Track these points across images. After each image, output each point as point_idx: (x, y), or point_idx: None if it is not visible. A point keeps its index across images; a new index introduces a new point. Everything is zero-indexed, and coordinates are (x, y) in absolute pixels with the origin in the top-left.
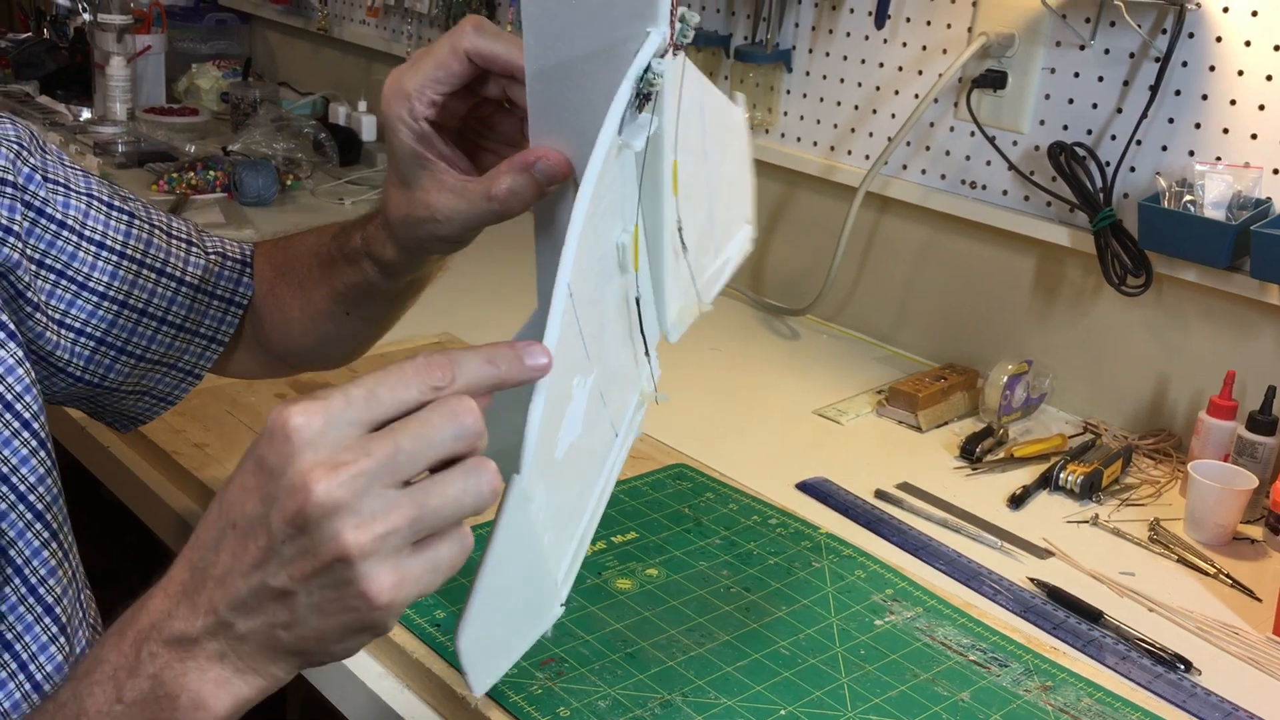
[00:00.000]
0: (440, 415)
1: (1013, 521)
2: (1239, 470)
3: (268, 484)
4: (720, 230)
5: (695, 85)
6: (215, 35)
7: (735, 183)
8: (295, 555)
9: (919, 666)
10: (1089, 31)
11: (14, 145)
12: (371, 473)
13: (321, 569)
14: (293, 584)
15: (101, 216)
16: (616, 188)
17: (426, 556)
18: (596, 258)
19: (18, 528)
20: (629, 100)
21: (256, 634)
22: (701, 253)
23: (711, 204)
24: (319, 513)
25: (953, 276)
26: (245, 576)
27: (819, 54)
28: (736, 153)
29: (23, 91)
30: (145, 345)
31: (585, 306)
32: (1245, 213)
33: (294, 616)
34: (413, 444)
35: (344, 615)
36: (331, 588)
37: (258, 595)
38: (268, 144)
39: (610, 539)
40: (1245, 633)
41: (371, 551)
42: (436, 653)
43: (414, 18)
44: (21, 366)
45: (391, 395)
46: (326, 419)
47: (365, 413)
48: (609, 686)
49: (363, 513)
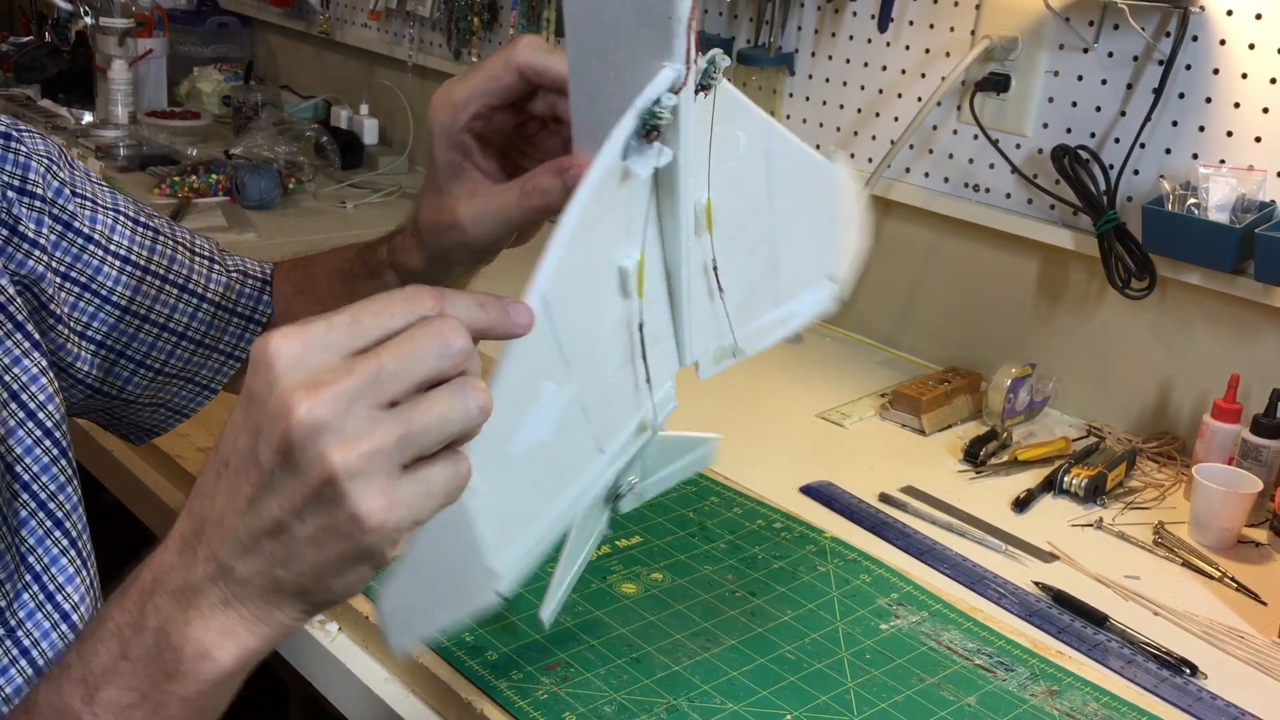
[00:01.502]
0: (425, 334)
1: (1017, 525)
2: (1243, 473)
3: (255, 415)
4: (786, 281)
5: (761, 131)
6: (217, 39)
7: (819, 238)
8: (285, 484)
9: (925, 671)
10: (1092, 34)
11: (44, 159)
12: (354, 392)
13: (311, 495)
14: (285, 515)
15: (127, 232)
16: (620, 212)
17: (418, 479)
18: (586, 273)
19: (37, 535)
20: (632, 130)
21: (256, 576)
22: (751, 298)
23: (775, 252)
24: (302, 433)
25: (956, 279)
26: (241, 516)
27: (821, 57)
28: (828, 208)
29: (24, 95)
30: (164, 359)
31: (567, 316)
32: (1249, 216)
33: (290, 552)
34: (396, 362)
35: (338, 544)
36: (323, 515)
37: (253, 534)
38: (270, 147)
39: (615, 543)
40: (1251, 636)
41: (358, 471)
42: (442, 657)
43: (416, 21)
44: (45, 376)
45: (376, 322)
46: (306, 343)
47: (347, 338)
48: (614, 691)
49: (346, 432)
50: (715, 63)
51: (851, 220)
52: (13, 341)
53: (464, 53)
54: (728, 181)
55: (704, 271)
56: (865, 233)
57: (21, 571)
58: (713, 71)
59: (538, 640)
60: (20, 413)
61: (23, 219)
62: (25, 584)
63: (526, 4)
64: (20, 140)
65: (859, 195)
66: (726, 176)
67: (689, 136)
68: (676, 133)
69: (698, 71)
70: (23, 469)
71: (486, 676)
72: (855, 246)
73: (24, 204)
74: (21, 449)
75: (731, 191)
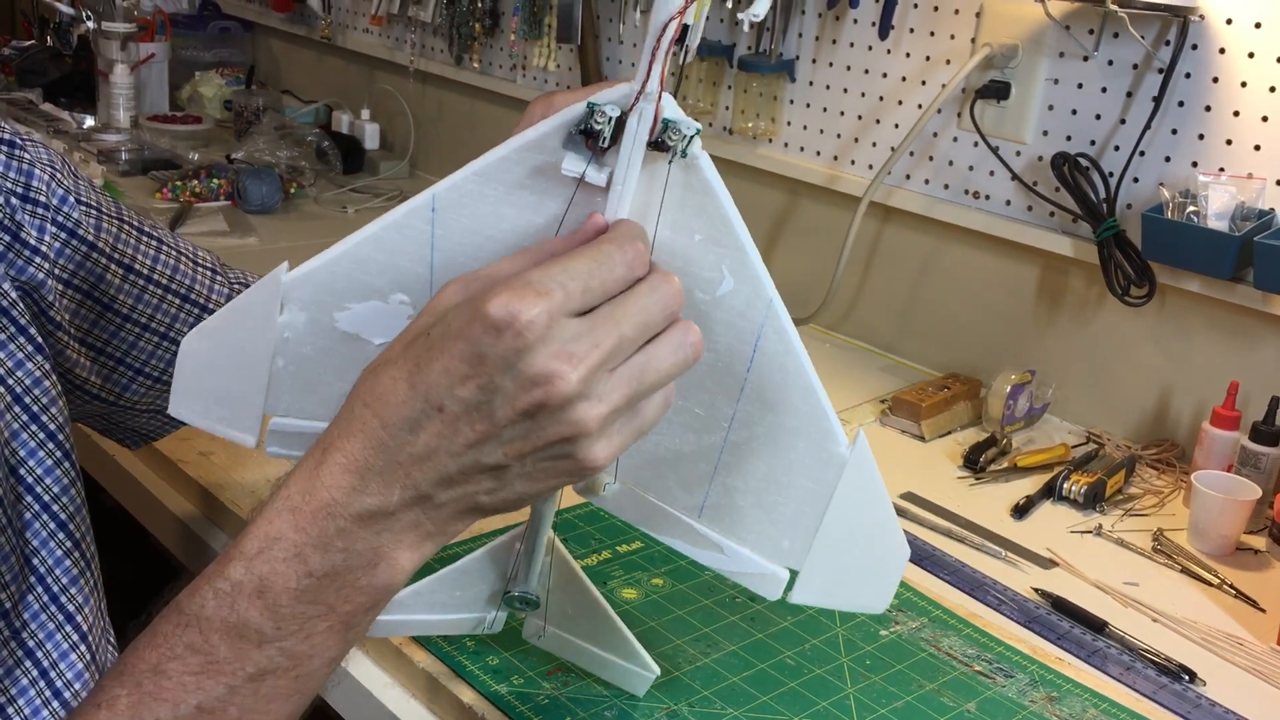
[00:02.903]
0: (657, 301)
1: (1016, 531)
2: (1242, 481)
3: (493, 374)
4: (720, 500)
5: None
6: (219, 43)
7: (793, 501)
8: (517, 436)
9: (924, 677)
10: (1092, 42)
11: (48, 167)
12: (601, 363)
13: (545, 446)
14: (508, 459)
15: (132, 240)
16: (532, 195)
17: (634, 424)
18: (478, 218)
19: (40, 537)
20: (574, 118)
21: (456, 501)
22: (663, 467)
23: (720, 453)
24: (559, 401)
25: (956, 286)
26: (456, 456)
27: (822, 64)
28: (816, 479)
29: (26, 99)
30: (164, 367)
31: (450, 252)
32: (1248, 224)
33: (500, 483)
34: (634, 332)
35: (554, 479)
36: (549, 460)
37: (467, 471)
38: (271, 152)
39: (615, 548)
40: (1249, 643)
41: (599, 430)
42: (443, 662)
43: (417, 26)
44: (48, 379)
45: (602, 286)
46: (550, 313)
47: (582, 304)
48: (615, 697)
49: (593, 396)
50: (680, 130)
51: (863, 525)
52: (16, 345)
53: (465, 58)
54: (691, 306)
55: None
56: (899, 556)
57: (26, 574)
58: (676, 137)
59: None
60: (24, 416)
61: (25, 226)
62: (30, 585)
63: (528, 10)
64: (24, 148)
65: (882, 500)
66: (690, 299)
67: (624, 175)
68: (615, 161)
69: (655, 118)
70: (27, 472)
71: (487, 681)
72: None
73: (27, 211)
74: (25, 452)
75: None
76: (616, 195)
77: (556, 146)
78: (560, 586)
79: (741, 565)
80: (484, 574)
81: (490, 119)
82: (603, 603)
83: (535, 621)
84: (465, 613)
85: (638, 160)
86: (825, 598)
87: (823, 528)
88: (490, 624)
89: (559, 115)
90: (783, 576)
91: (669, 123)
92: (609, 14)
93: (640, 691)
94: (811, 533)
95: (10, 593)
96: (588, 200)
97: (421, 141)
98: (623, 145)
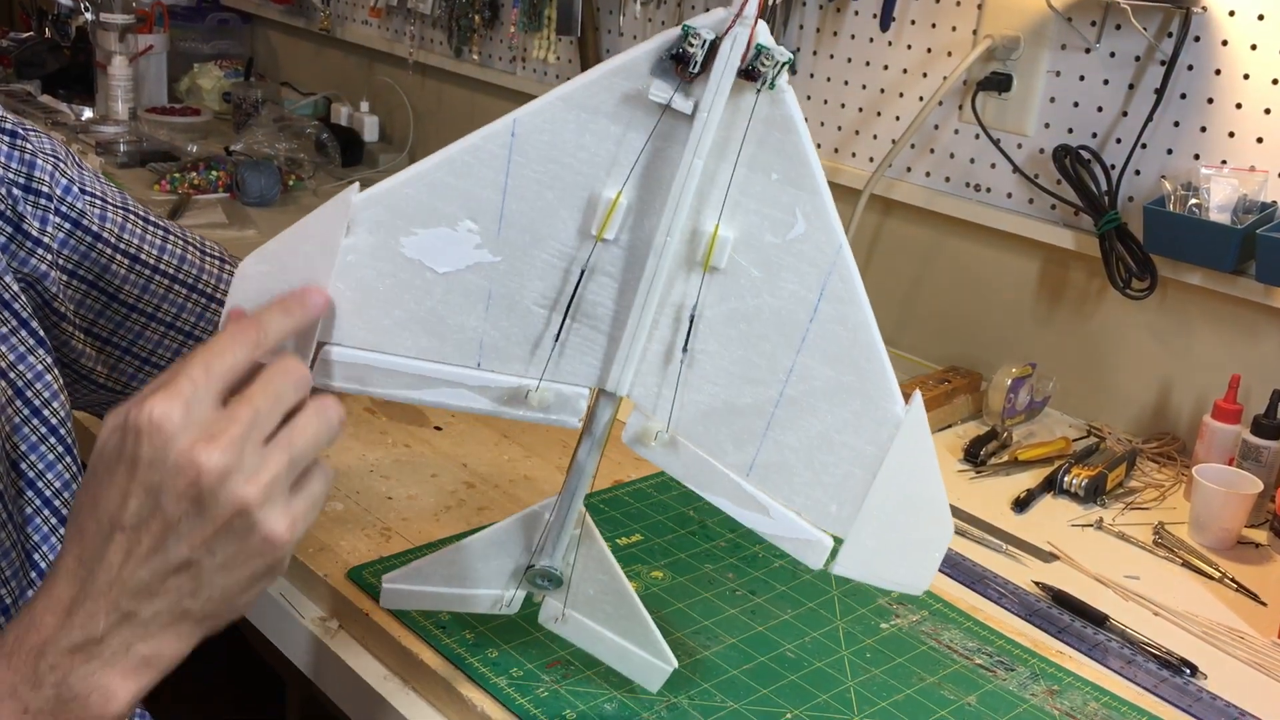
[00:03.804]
0: (280, 375)
1: (1017, 525)
2: (1243, 474)
3: (149, 475)
4: (771, 458)
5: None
6: (217, 35)
7: (841, 463)
8: (193, 526)
9: (925, 670)
10: (1094, 34)
11: (50, 157)
12: (243, 435)
13: (222, 528)
14: (194, 552)
15: (138, 230)
16: (617, 126)
17: (305, 494)
18: (560, 150)
19: (42, 532)
20: (669, 42)
21: (163, 614)
22: (717, 419)
23: (775, 408)
24: (213, 479)
25: (957, 279)
26: (143, 563)
27: (823, 56)
28: (867, 441)
29: (24, 91)
30: (171, 357)
31: (522, 178)
32: (1251, 216)
33: (199, 583)
34: (266, 404)
35: (250, 564)
36: (235, 542)
37: (159, 574)
38: (270, 144)
39: (615, 541)
40: (1250, 637)
41: (265, 499)
42: (442, 654)
43: (417, 18)
44: (50, 373)
45: (223, 364)
46: (184, 403)
47: (210, 387)
48: (615, 689)
49: (247, 469)
50: (773, 56)
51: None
52: (17, 339)
53: (464, 50)
54: (758, 248)
55: (675, 313)
56: (943, 529)
57: (27, 568)
58: (768, 64)
59: (538, 637)
60: (25, 410)
61: (27, 216)
62: (31, 581)
63: (528, 2)
64: (26, 139)
65: (933, 469)
66: (759, 241)
67: (714, 101)
68: (703, 90)
69: (749, 44)
70: (28, 466)
71: (487, 674)
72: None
73: (29, 201)
74: (26, 446)
75: (759, 267)
76: (701, 123)
77: (645, 73)
78: (585, 565)
79: (786, 529)
80: (507, 547)
81: (489, 111)
82: (627, 584)
83: (554, 604)
84: (484, 588)
85: (727, 86)
86: (867, 571)
87: (872, 493)
88: (508, 603)
89: (652, 40)
90: (826, 544)
91: (762, 48)
92: (609, 5)
93: (654, 686)
94: (860, 498)
95: (11, 588)
96: (670, 131)
97: (421, 134)
98: (714, 70)
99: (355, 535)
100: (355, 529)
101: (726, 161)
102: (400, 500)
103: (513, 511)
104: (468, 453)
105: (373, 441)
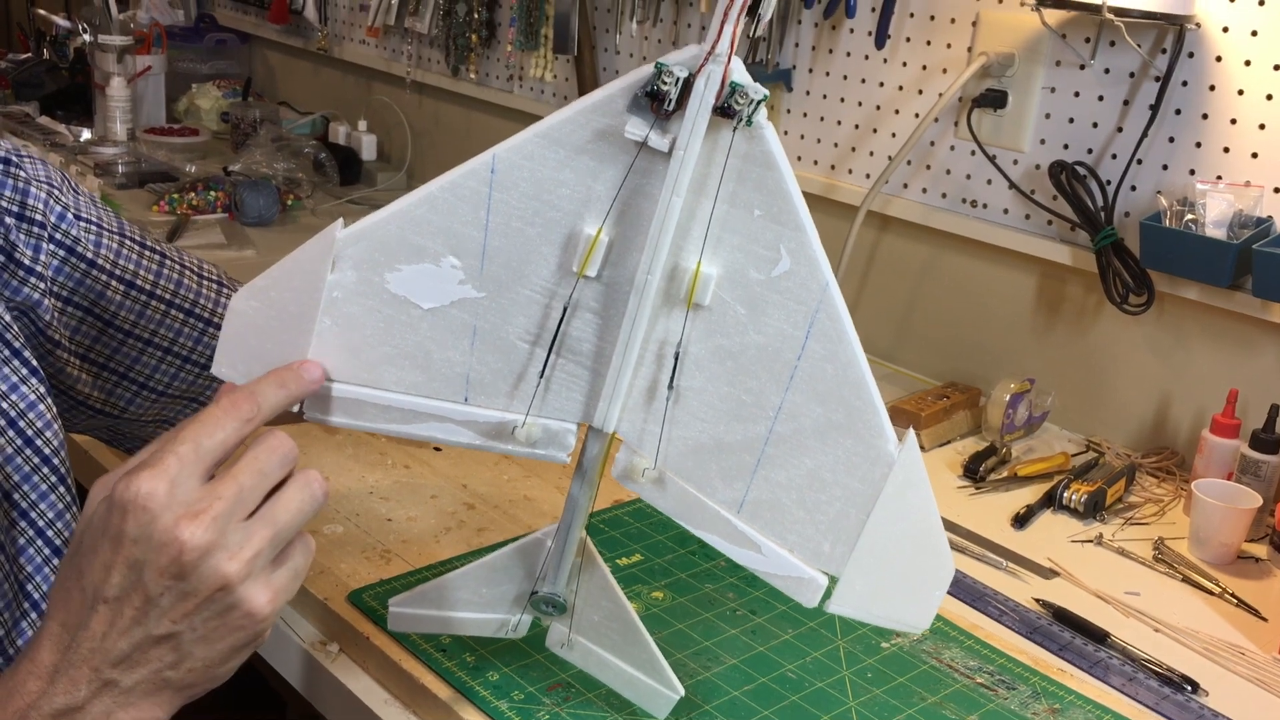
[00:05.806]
0: (266, 451)
1: (1017, 541)
2: (1243, 489)
3: (132, 550)
4: (762, 495)
5: (816, 292)
6: (215, 55)
7: (835, 501)
8: (175, 601)
9: (926, 689)
10: (1089, 51)
11: (44, 185)
12: (227, 512)
13: (204, 603)
14: (176, 625)
15: (134, 256)
16: (594, 162)
17: (288, 567)
18: (540, 186)
19: (35, 563)
20: (642, 79)
21: (144, 683)
22: (706, 456)
23: (763, 445)
24: (195, 556)
25: (954, 295)
26: (125, 634)
27: (819, 73)
28: (861, 479)
29: (23, 112)
30: (168, 382)
31: (504, 211)
32: (1247, 231)
33: (180, 654)
34: (251, 480)
35: (231, 636)
36: (216, 616)
37: (140, 646)
38: (268, 164)
39: (615, 561)
40: (1251, 653)
41: (246, 575)
42: (442, 678)
43: (414, 38)
44: (43, 403)
45: (213, 441)
46: (169, 481)
47: (198, 464)
48: (615, 711)
49: (230, 546)
50: (748, 94)
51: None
52: (10, 368)
53: (462, 69)
54: (743, 285)
55: (660, 349)
56: (943, 568)
57: (20, 599)
58: (743, 102)
59: (539, 660)
60: (18, 440)
61: (19, 245)
62: (24, 612)
63: (525, 21)
64: (20, 165)
65: (930, 506)
66: (743, 278)
67: (690, 139)
68: (680, 127)
69: (722, 81)
70: (20, 496)
71: (488, 697)
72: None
73: (22, 230)
74: (19, 476)
75: (744, 304)
76: (678, 161)
77: (621, 109)
78: (588, 591)
79: (779, 567)
80: (511, 572)
81: (487, 130)
82: (631, 611)
83: (560, 629)
84: (491, 612)
85: (703, 124)
86: (863, 609)
87: (866, 531)
88: (514, 627)
89: (626, 76)
90: (821, 582)
91: (736, 86)
92: (605, 24)
93: (661, 714)
94: (854, 536)
95: (4, 619)
96: (648, 167)
97: (418, 152)
98: (689, 108)
99: (355, 558)
100: (355, 551)
101: (707, 198)
102: (400, 522)
103: (513, 532)
104: (467, 474)
105: (372, 463)
